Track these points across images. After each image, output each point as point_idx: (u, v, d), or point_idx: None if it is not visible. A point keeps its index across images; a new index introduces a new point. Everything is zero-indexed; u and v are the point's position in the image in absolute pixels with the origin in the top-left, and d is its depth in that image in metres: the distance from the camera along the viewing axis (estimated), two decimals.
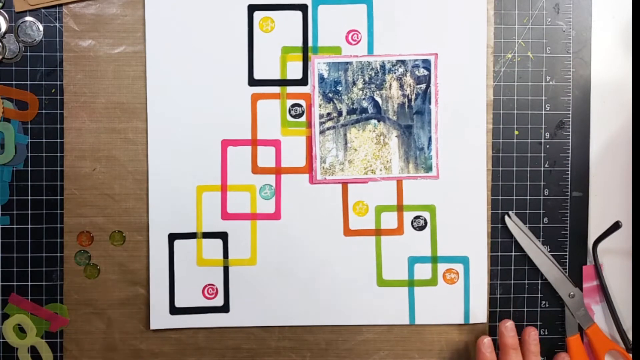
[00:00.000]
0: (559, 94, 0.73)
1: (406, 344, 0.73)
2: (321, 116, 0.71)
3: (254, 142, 0.71)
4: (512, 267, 0.73)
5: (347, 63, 0.71)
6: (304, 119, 0.71)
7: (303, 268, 0.71)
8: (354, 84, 0.71)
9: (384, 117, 0.71)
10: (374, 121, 0.71)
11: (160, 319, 0.71)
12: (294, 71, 0.71)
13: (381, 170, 0.71)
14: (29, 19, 0.70)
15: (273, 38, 0.71)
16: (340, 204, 0.71)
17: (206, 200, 0.71)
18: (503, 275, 0.73)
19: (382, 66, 0.71)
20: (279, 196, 0.71)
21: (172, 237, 0.71)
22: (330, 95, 0.71)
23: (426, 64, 0.71)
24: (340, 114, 0.71)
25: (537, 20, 0.72)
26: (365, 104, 0.71)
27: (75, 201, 0.71)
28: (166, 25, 0.70)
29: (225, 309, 0.71)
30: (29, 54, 0.70)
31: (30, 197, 0.70)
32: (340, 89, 0.71)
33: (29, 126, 0.70)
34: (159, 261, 0.71)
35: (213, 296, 0.71)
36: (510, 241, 0.73)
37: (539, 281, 0.73)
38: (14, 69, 0.70)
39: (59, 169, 0.70)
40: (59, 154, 0.70)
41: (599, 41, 0.73)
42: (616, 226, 0.70)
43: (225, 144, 0.71)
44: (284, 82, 0.71)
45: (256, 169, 0.71)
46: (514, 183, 0.72)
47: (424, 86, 0.71)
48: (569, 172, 0.73)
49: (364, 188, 0.71)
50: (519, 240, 0.72)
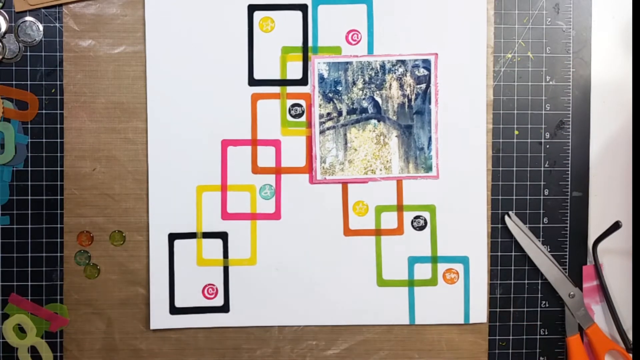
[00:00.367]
0: (559, 94, 0.73)
1: (406, 344, 0.73)
2: (321, 116, 0.71)
3: (254, 142, 0.71)
4: (512, 267, 0.73)
5: (347, 63, 0.71)
6: (304, 119, 0.71)
7: (303, 268, 0.71)
8: (354, 83, 0.71)
9: (384, 117, 0.71)
10: (374, 121, 0.71)
11: (160, 319, 0.71)
12: (294, 71, 0.71)
13: (381, 170, 0.71)
14: (29, 19, 0.70)
15: (273, 38, 0.71)
16: (340, 204, 0.71)
17: (206, 200, 0.71)
18: (503, 275, 0.73)
19: (382, 66, 0.71)
20: (279, 196, 0.71)
21: (172, 237, 0.71)
22: (330, 95, 0.71)
23: (426, 64, 0.71)
24: (340, 113, 0.71)
25: (537, 20, 0.72)
26: (365, 104, 0.71)
27: (75, 201, 0.70)
28: (166, 25, 0.70)
29: (225, 309, 0.71)
30: (29, 54, 0.70)
31: (30, 197, 0.70)
32: (340, 89, 0.71)
33: (29, 126, 0.70)
34: (159, 261, 0.71)
35: (213, 296, 0.71)
36: (510, 241, 0.73)
37: (539, 281, 0.73)
38: (14, 69, 0.70)
39: (59, 169, 0.70)
40: (59, 154, 0.70)
41: (599, 41, 0.73)
42: (616, 226, 0.70)
43: (225, 143, 0.71)
44: (284, 82, 0.71)
45: (256, 169, 0.71)
46: (514, 183, 0.72)
47: (424, 86, 0.71)
48: (569, 172, 0.73)
49: (364, 188, 0.71)
50: (519, 240, 0.72)
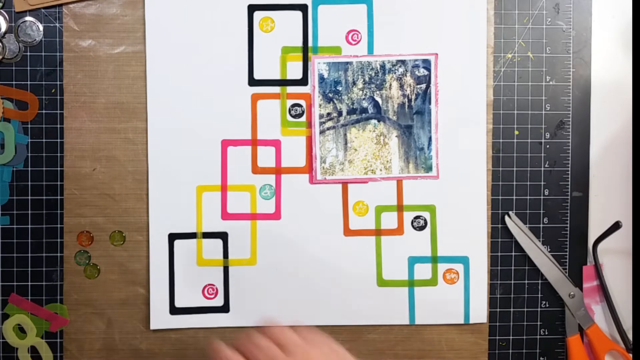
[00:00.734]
0: (559, 94, 0.73)
1: (406, 344, 0.73)
2: (321, 116, 0.71)
3: (254, 142, 0.71)
4: (512, 267, 0.73)
5: (347, 63, 0.71)
6: (304, 119, 0.71)
7: (303, 268, 0.71)
8: (354, 84, 0.71)
9: (384, 117, 0.71)
10: (374, 121, 0.71)
11: (160, 319, 0.71)
12: (294, 71, 0.71)
13: (381, 170, 0.71)
14: (29, 19, 0.70)
15: (273, 38, 0.71)
16: (341, 204, 0.71)
17: (206, 200, 0.71)
18: (503, 275, 0.73)
19: (382, 66, 0.71)
20: (279, 196, 0.71)
21: (172, 237, 0.71)
22: (330, 95, 0.71)
23: (426, 64, 0.71)
24: (340, 114, 0.71)
25: (537, 20, 0.72)
26: (365, 104, 0.71)
27: (75, 201, 0.70)
28: (166, 25, 0.70)
29: (225, 309, 0.71)
30: (29, 54, 0.70)
31: (30, 197, 0.70)
32: (340, 89, 0.71)
33: (29, 126, 0.70)
34: (159, 261, 0.71)
35: (213, 296, 0.71)
36: (510, 241, 0.73)
37: (539, 281, 0.73)
38: (14, 69, 0.70)
39: (59, 169, 0.70)
40: (59, 154, 0.70)
41: (599, 41, 0.73)
42: (616, 226, 0.70)
43: (226, 144, 0.71)
44: (284, 82, 0.71)
45: (256, 169, 0.71)
46: (514, 183, 0.72)
47: (424, 86, 0.71)
48: (569, 172, 0.73)
49: (364, 188, 0.71)
50: (519, 240, 0.72)
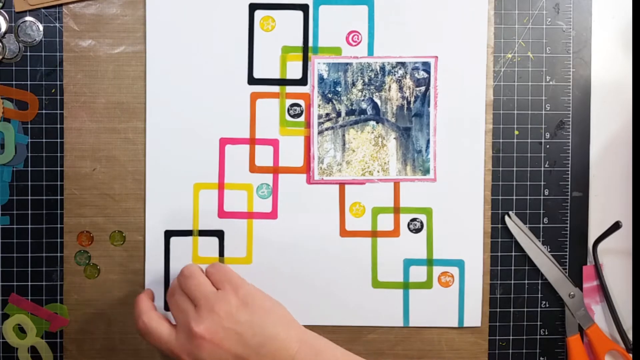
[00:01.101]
0: (559, 94, 0.72)
1: (406, 344, 0.73)
2: (320, 116, 0.71)
3: (252, 141, 0.71)
4: (512, 267, 0.73)
5: (347, 64, 0.71)
6: (302, 119, 0.71)
7: (298, 268, 0.71)
8: (353, 85, 0.71)
9: (382, 119, 0.71)
10: (372, 122, 0.71)
11: None
12: (294, 71, 0.71)
13: (379, 171, 0.71)
14: (29, 19, 0.70)
15: (273, 37, 0.71)
16: (337, 204, 0.71)
17: (203, 198, 0.71)
18: (503, 276, 0.73)
19: (382, 68, 0.71)
20: (276, 195, 0.71)
21: (169, 234, 0.71)
22: (330, 96, 0.71)
23: (426, 66, 0.71)
24: (339, 114, 0.71)
25: (537, 20, 0.72)
26: (364, 105, 0.71)
27: (75, 201, 0.71)
28: (166, 25, 0.70)
29: None
30: (29, 54, 0.70)
31: (30, 197, 0.70)
32: (339, 89, 0.71)
33: (29, 126, 0.70)
34: (155, 258, 0.71)
35: None
36: (510, 241, 0.72)
37: (539, 281, 0.73)
38: (14, 69, 0.70)
39: (59, 169, 0.70)
40: (59, 154, 0.70)
41: (599, 41, 0.73)
42: (616, 226, 0.70)
43: (224, 142, 0.71)
44: (283, 82, 0.71)
45: (254, 168, 0.71)
46: (514, 183, 0.72)
47: (423, 89, 0.71)
48: (569, 172, 0.73)
49: (361, 189, 0.71)
50: (519, 240, 0.72)
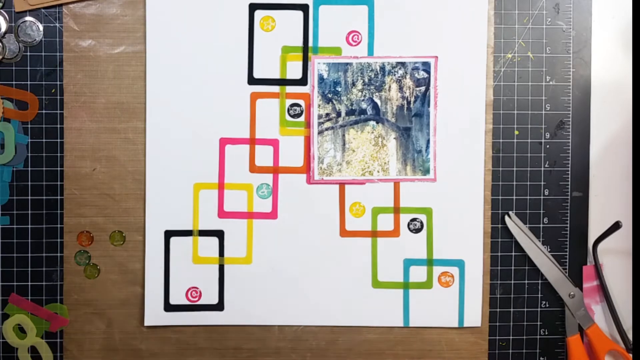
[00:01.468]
0: (559, 94, 0.72)
1: (406, 344, 0.73)
2: (320, 116, 0.71)
3: (252, 141, 0.71)
4: (512, 267, 0.73)
5: (347, 64, 0.71)
6: (302, 118, 0.71)
7: (298, 268, 0.71)
8: (353, 85, 0.71)
9: (382, 119, 0.71)
10: (372, 122, 0.71)
11: (155, 315, 0.71)
12: (294, 71, 0.71)
13: (379, 171, 0.71)
14: (29, 19, 0.70)
15: (273, 37, 0.71)
16: (337, 204, 0.71)
17: (203, 198, 0.71)
18: (503, 276, 0.73)
19: (382, 68, 0.71)
20: (276, 196, 0.71)
21: (168, 234, 0.71)
22: (330, 96, 0.71)
23: (426, 66, 0.71)
24: (339, 114, 0.71)
25: (537, 20, 0.72)
26: (364, 105, 0.71)
27: (75, 201, 0.71)
28: (166, 25, 0.70)
29: (219, 307, 0.71)
30: (29, 54, 0.70)
31: (30, 197, 0.70)
32: (339, 89, 0.71)
33: (29, 126, 0.70)
34: (155, 258, 0.71)
35: (197, 299, 0.71)
36: (510, 241, 0.73)
37: (539, 281, 0.73)
38: (14, 69, 0.70)
39: (59, 169, 0.70)
40: (59, 154, 0.70)
41: (599, 41, 0.73)
42: (616, 226, 0.70)
43: (224, 142, 0.71)
44: (283, 82, 0.71)
45: (254, 168, 0.71)
46: (514, 183, 0.72)
47: (423, 89, 0.71)
48: (569, 172, 0.73)
49: (361, 189, 0.71)
50: (519, 240, 0.72)
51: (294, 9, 0.71)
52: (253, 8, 0.71)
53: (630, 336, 0.72)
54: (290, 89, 0.71)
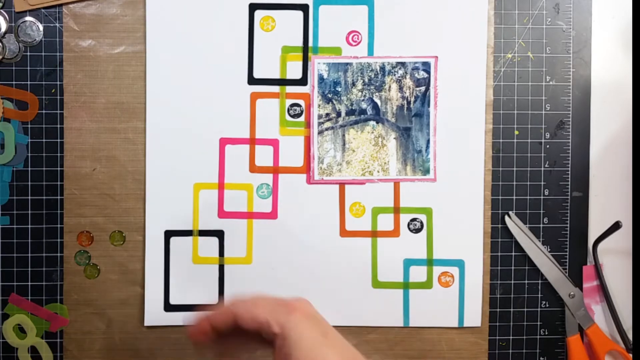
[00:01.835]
0: (559, 94, 0.72)
1: (406, 344, 0.72)
2: (320, 116, 0.71)
3: (252, 141, 0.71)
4: (512, 267, 0.73)
5: (347, 64, 0.71)
6: (302, 118, 0.71)
7: (298, 268, 0.71)
8: (353, 85, 0.71)
9: (382, 119, 0.71)
10: (372, 122, 0.71)
11: (155, 315, 0.71)
12: (294, 71, 0.71)
13: (379, 171, 0.71)
14: (29, 19, 0.70)
15: (273, 37, 0.71)
16: (337, 204, 0.71)
17: (203, 198, 0.71)
18: (503, 276, 0.73)
19: (382, 68, 0.71)
20: (276, 195, 0.71)
21: (169, 234, 0.71)
22: (330, 96, 0.71)
23: (426, 66, 0.71)
24: (339, 114, 0.71)
25: (537, 20, 0.72)
26: (364, 105, 0.71)
27: (75, 201, 0.71)
28: (166, 25, 0.70)
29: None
30: (29, 54, 0.70)
31: (30, 197, 0.70)
32: (339, 89, 0.71)
33: (29, 126, 0.70)
34: (155, 258, 0.71)
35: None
36: (510, 241, 0.72)
37: (539, 281, 0.73)
38: (14, 69, 0.70)
39: (59, 169, 0.70)
40: (59, 154, 0.70)
41: (599, 41, 0.73)
42: (616, 226, 0.70)
43: (224, 142, 0.71)
44: (283, 82, 0.71)
45: (254, 168, 0.71)
46: (514, 183, 0.72)
47: (423, 89, 0.71)
48: (569, 172, 0.73)
49: (361, 189, 0.71)
50: (519, 240, 0.72)
51: (294, 9, 0.71)
52: (253, 8, 0.71)
53: (630, 336, 0.72)
54: (290, 89, 0.71)
